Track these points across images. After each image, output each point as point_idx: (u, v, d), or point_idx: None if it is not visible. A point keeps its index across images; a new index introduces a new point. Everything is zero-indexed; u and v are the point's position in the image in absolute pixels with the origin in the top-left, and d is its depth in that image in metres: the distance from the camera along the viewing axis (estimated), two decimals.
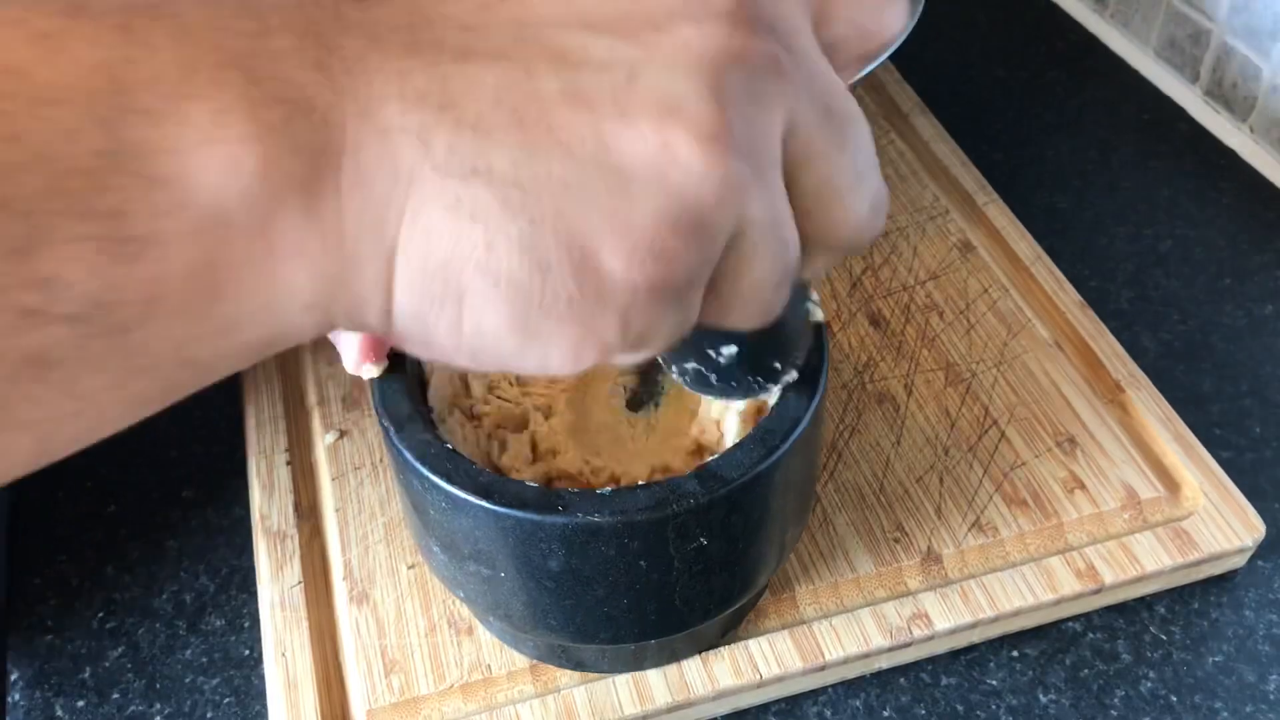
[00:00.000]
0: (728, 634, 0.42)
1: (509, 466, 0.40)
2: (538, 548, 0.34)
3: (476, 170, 0.21)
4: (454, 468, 0.34)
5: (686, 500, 0.33)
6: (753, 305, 0.25)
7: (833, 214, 0.25)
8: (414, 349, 0.24)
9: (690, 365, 0.34)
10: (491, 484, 0.34)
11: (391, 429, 0.35)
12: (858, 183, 0.25)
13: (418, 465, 0.34)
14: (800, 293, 0.35)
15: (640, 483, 0.34)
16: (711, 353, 0.34)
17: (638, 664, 0.41)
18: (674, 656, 0.41)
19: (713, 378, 0.34)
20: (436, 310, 0.23)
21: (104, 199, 0.20)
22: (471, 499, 0.33)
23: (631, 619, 0.37)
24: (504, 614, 0.38)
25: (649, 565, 0.34)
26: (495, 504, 0.33)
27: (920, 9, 0.55)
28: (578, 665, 0.41)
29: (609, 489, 0.34)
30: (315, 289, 0.22)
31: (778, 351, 0.35)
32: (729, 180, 0.22)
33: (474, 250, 0.22)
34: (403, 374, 0.37)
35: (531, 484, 0.34)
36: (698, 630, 0.40)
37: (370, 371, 0.38)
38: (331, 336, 0.41)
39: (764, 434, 0.35)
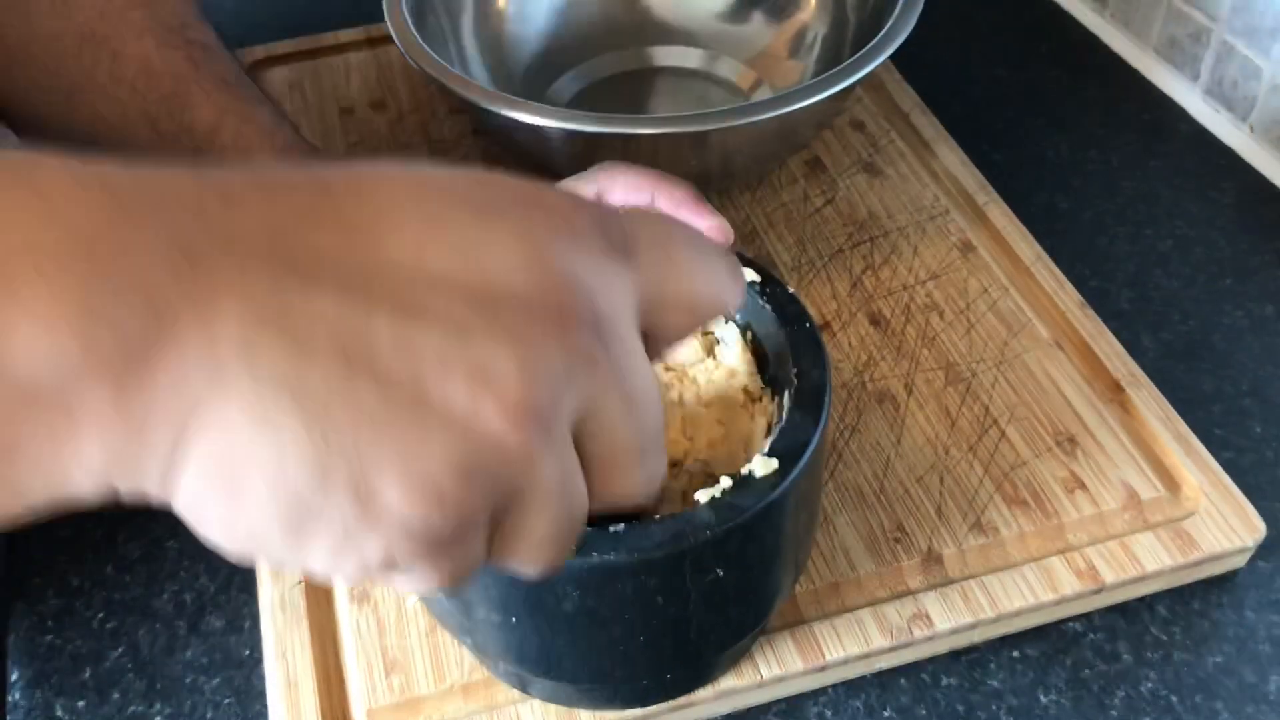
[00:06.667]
0: (741, 659, 0.42)
1: None
2: (552, 591, 0.33)
3: (288, 384, 0.22)
4: None
5: (702, 533, 0.32)
6: (538, 554, 0.27)
7: (613, 478, 0.27)
8: (187, 523, 0.25)
9: None
10: None
11: None
12: (640, 458, 0.27)
13: None
14: None
15: (655, 517, 0.33)
16: None
17: (668, 695, 0.40)
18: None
19: None
20: (214, 501, 0.23)
21: None
22: None
23: (647, 656, 0.36)
24: (516, 659, 0.37)
25: (665, 601, 0.34)
26: None
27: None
28: (608, 702, 0.40)
29: (621, 526, 0.33)
30: (104, 460, 0.22)
31: None
32: (521, 448, 0.24)
33: (264, 457, 0.22)
34: None
35: None
36: (716, 660, 0.39)
37: None
38: None
39: (775, 458, 0.34)
